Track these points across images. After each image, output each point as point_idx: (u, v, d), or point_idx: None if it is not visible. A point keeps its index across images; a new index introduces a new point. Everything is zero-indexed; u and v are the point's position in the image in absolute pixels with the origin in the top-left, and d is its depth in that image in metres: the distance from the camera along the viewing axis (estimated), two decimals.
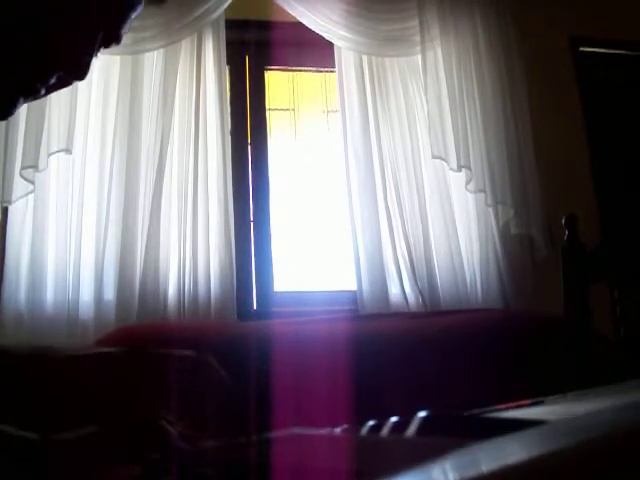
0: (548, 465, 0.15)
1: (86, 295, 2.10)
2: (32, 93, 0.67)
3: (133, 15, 0.72)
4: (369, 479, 0.19)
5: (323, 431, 0.29)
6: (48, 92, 0.69)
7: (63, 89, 0.72)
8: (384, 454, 0.27)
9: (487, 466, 0.16)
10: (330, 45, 2.50)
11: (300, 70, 2.67)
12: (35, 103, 0.70)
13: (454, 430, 0.29)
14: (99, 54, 0.73)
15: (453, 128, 2.37)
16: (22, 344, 0.69)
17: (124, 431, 0.60)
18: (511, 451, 0.17)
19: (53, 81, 0.67)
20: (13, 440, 0.59)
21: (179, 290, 2.15)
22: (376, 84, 2.47)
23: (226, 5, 2.36)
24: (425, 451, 0.23)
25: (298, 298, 2.39)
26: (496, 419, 0.36)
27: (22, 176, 2.03)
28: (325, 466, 0.27)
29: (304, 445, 0.28)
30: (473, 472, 0.16)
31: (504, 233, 2.37)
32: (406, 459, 0.22)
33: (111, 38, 0.71)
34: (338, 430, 0.30)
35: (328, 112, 2.64)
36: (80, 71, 0.69)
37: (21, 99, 0.66)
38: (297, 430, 0.29)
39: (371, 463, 0.26)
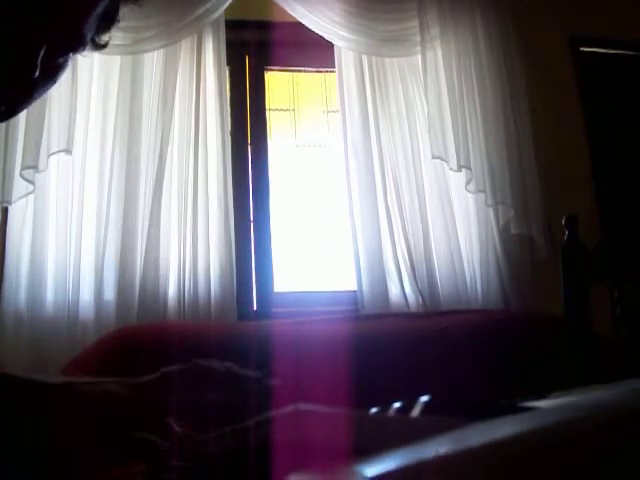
0: (533, 440, 0.15)
1: (86, 295, 2.10)
2: None
3: (93, 13, 0.65)
4: (369, 456, 0.19)
5: (324, 408, 0.29)
6: (14, 107, 0.64)
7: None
8: (385, 432, 0.27)
9: (476, 440, 0.16)
10: (330, 45, 2.50)
11: (300, 70, 2.67)
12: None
13: (454, 413, 0.29)
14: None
15: (453, 128, 2.37)
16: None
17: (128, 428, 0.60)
18: (502, 428, 0.18)
19: (13, 94, 0.62)
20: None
21: (179, 290, 2.15)
22: (376, 84, 2.47)
23: (226, 5, 2.36)
24: (426, 429, 0.23)
25: (298, 298, 2.39)
26: (494, 404, 0.36)
27: (22, 176, 2.03)
28: (326, 443, 0.27)
29: (305, 422, 0.28)
30: (462, 445, 0.16)
31: (504, 233, 2.37)
32: (407, 436, 0.22)
33: (72, 39, 0.65)
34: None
35: (328, 112, 2.64)
36: (32, 72, 0.61)
37: None
38: (298, 407, 0.29)
39: (372, 441, 0.26)
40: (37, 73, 0.61)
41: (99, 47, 0.70)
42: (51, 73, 0.65)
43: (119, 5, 0.70)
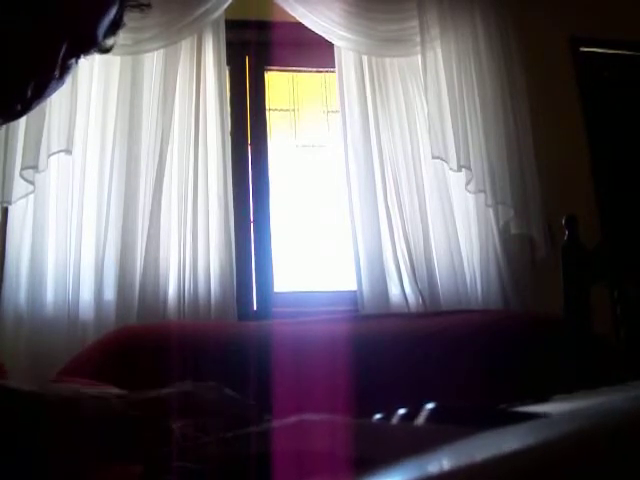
0: (542, 453, 0.15)
1: (86, 295, 2.10)
2: (8, 112, 0.64)
3: (106, 18, 0.68)
4: (372, 466, 0.19)
5: (328, 418, 0.29)
6: (27, 106, 0.65)
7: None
8: (389, 441, 0.27)
9: (481, 455, 0.16)
10: (330, 45, 2.50)
11: (300, 70, 2.67)
12: None
13: (460, 421, 0.29)
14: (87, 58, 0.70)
15: (453, 128, 2.37)
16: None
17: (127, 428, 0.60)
18: (507, 440, 0.17)
19: (30, 93, 0.63)
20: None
21: (179, 290, 2.15)
22: (376, 84, 2.47)
23: (226, 5, 2.36)
24: (431, 439, 0.23)
25: (298, 298, 2.39)
26: (501, 410, 0.36)
27: (22, 177, 2.03)
28: (329, 453, 0.27)
29: (306, 431, 0.28)
30: (467, 460, 0.16)
31: (504, 233, 2.37)
32: (411, 446, 0.22)
33: (86, 42, 0.67)
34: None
35: (328, 112, 2.64)
36: (53, 71, 0.63)
37: None
38: (300, 416, 0.29)
39: (376, 450, 0.26)
40: (57, 73, 0.63)
41: (104, 51, 0.71)
42: (61, 74, 0.66)
43: (124, 11, 0.71)
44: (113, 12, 0.68)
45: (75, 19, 0.64)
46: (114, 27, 0.71)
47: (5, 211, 2.14)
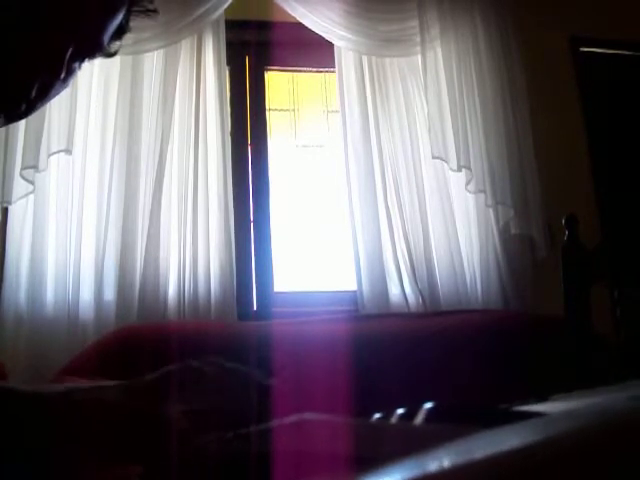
0: (541, 451, 0.15)
1: (86, 295, 2.10)
2: (14, 110, 0.64)
3: (113, 22, 0.68)
4: (372, 465, 0.19)
5: (328, 417, 0.29)
6: (31, 107, 0.66)
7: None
8: (388, 440, 0.27)
9: (481, 453, 0.16)
10: (330, 45, 2.50)
11: (300, 70, 2.67)
12: None
13: (458, 420, 0.29)
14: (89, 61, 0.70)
15: (453, 128, 2.37)
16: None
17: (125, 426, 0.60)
18: (507, 438, 0.17)
19: (34, 93, 0.63)
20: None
21: (179, 290, 2.15)
22: (376, 84, 2.47)
23: (226, 5, 2.36)
24: (429, 438, 0.23)
25: (298, 298, 2.39)
26: (499, 410, 0.36)
27: (22, 176, 2.03)
28: (329, 453, 0.27)
29: (307, 431, 0.28)
30: (467, 458, 0.16)
31: (504, 233, 2.37)
32: (410, 446, 0.22)
33: (92, 46, 0.67)
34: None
35: (328, 112, 2.64)
36: (59, 72, 0.63)
37: (1, 119, 0.63)
38: (302, 416, 0.29)
39: (376, 450, 0.26)
40: (63, 75, 0.63)
41: (109, 55, 0.71)
42: (65, 76, 0.66)
43: (131, 16, 0.71)
44: (120, 17, 0.68)
45: (82, 23, 0.64)
46: (120, 32, 0.71)
47: (5, 211, 2.14)
